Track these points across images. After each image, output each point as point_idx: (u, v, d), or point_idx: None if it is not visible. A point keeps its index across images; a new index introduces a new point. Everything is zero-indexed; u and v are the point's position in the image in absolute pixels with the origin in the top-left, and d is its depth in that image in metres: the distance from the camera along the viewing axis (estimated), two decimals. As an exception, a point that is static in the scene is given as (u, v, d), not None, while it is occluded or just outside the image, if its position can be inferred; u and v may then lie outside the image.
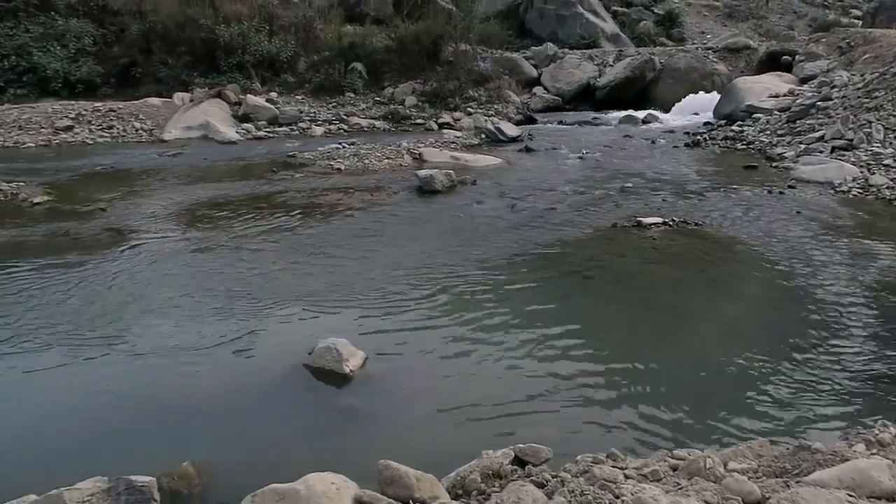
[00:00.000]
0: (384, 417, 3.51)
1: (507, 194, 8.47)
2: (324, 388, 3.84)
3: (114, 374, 4.06)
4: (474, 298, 5.13)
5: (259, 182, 9.58)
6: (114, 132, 14.47)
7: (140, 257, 6.18)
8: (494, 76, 17.24)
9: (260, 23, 17.47)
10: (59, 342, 4.44)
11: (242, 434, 3.42)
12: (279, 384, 3.96)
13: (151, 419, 3.60)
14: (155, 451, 3.24)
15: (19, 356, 4.26)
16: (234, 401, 3.80)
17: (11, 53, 17.44)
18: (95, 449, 3.35)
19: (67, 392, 3.89)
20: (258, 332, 4.57)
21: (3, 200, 8.50)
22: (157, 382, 3.96)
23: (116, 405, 3.74)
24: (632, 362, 4.08)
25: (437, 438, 3.28)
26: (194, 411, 3.69)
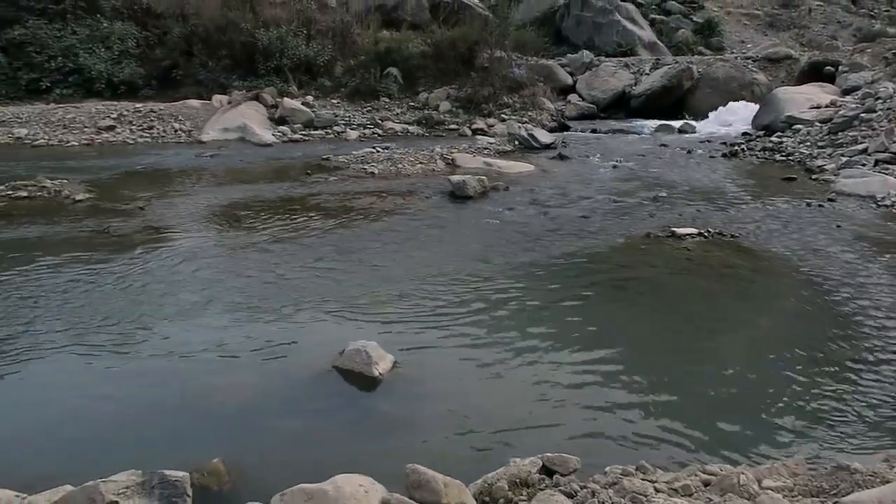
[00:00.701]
0: (412, 421, 3.51)
1: (539, 201, 8.44)
2: (353, 390, 3.85)
3: (146, 369, 4.13)
4: (504, 305, 5.11)
5: (293, 184, 9.70)
6: (154, 132, 14.78)
7: (176, 256, 6.29)
8: (529, 83, 17.20)
9: (298, 27, 17.70)
10: (96, 336, 4.54)
11: (271, 433, 3.45)
12: (309, 385, 3.99)
13: (182, 416, 3.66)
14: (185, 447, 3.29)
15: (57, 349, 4.36)
16: (264, 400, 3.84)
17: (59, 54, 17.94)
18: (128, 442, 3.40)
19: (101, 386, 3.97)
20: (290, 333, 4.61)
21: (47, 197, 8.73)
22: (188, 380, 4.02)
23: (148, 401, 3.81)
24: (662, 374, 4.02)
25: (465, 444, 3.27)
26: (224, 409, 3.73)
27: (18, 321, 4.77)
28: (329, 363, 4.09)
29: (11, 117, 15.43)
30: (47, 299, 5.17)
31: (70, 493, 2.13)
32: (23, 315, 4.87)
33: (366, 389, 3.83)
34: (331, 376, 4.00)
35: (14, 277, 5.66)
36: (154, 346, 4.43)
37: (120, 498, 2.01)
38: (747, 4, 27.87)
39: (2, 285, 5.47)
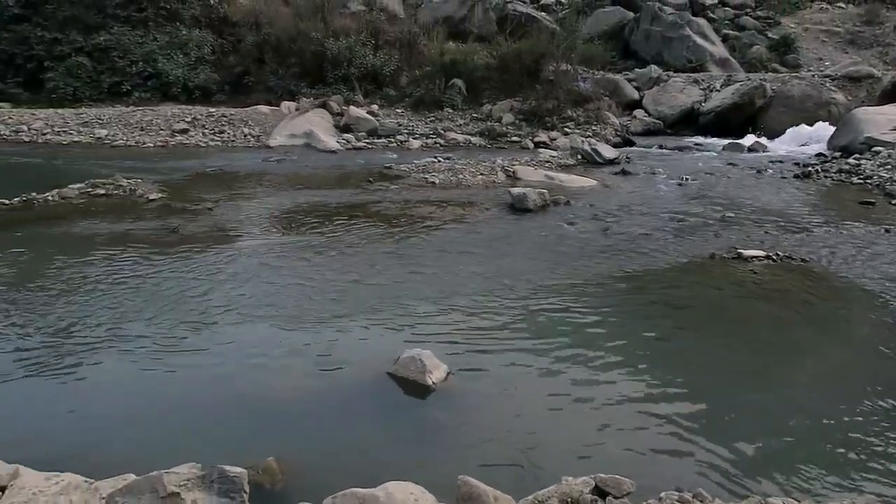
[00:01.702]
0: (464, 432, 3.49)
1: (600, 217, 8.32)
2: (406, 397, 3.87)
3: (205, 367, 4.25)
4: (561, 320, 5.05)
5: (356, 191, 9.85)
6: (224, 136, 15.29)
7: (240, 258, 6.47)
8: (594, 97, 17.04)
9: (366, 37, 18.05)
10: (161, 332, 4.71)
11: (325, 435, 3.50)
12: (363, 390, 4.03)
13: (239, 414, 3.74)
14: (241, 444, 3.36)
15: (125, 343, 4.54)
16: (319, 402, 3.89)
17: (139, 59, 18.81)
18: (186, 436, 3.50)
19: (163, 381, 4.10)
20: (346, 338, 4.67)
21: (123, 196, 9.13)
22: (246, 379, 4.11)
23: (206, 397, 3.92)
24: (723, 399, 3.89)
25: (516, 459, 3.23)
26: (280, 410, 3.80)
27: (91, 314, 4.99)
28: (384, 369, 4.13)
29: (93, 118, 16.23)
30: (118, 294, 5.40)
31: (134, 482, 2.21)
32: (94, 309, 5.10)
33: (419, 397, 3.84)
34: (385, 382, 4.03)
35: (89, 272, 5.93)
36: (215, 345, 4.55)
37: (181, 489, 2.07)
38: (827, 21, 26.87)
39: (78, 279, 5.74)
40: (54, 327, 4.76)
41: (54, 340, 4.56)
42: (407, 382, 3.95)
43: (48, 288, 5.51)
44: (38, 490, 2.38)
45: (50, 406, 3.81)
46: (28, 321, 4.85)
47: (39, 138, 15.21)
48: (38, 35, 18.87)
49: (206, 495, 2.07)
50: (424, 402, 3.81)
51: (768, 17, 25.96)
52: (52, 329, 4.73)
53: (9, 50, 19.13)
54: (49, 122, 16.07)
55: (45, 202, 8.66)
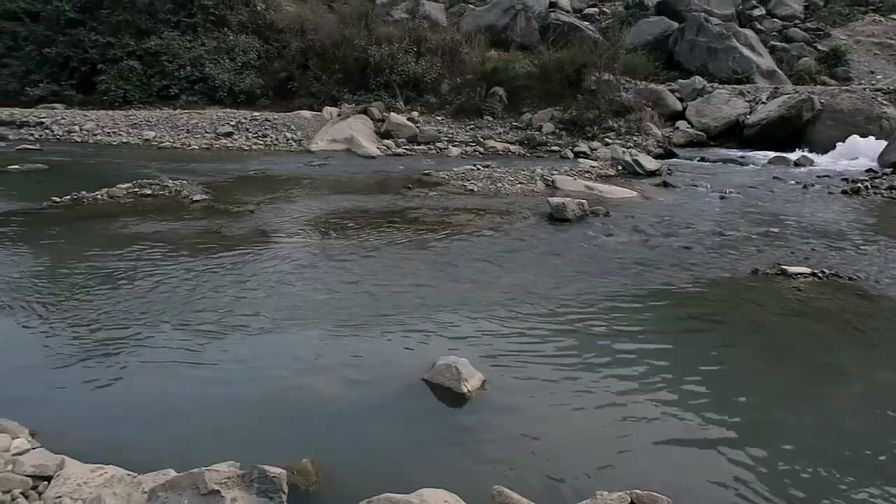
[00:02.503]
0: (498, 442, 3.47)
1: (640, 229, 8.22)
2: (440, 405, 3.87)
3: (242, 367, 4.30)
4: (598, 332, 5.00)
5: (394, 197, 9.92)
6: (267, 140, 15.57)
7: (279, 260, 6.56)
8: (636, 107, 16.88)
9: (409, 45, 18.21)
10: (200, 332, 4.79)
11: (359, 438, 3.51)
12: (397, 395, 4.03)
13: (274, 414, 3.78)
14: (276, 444, 3.39)
15: (163, 341, 4.63)
16: (354, 405, 3.91)
17: (187, 64, 19.30)
18: (223, 435, 3.55)
19: (200, 379, 4.16)
20: (382, 343, 4.70)
21: (168, 196, 9.36)
22: (281, 381, 4.15)
23: (243, 397, 3.96)
24: (763, 419, 3.80)
25: (551, 470, 3.20)
26: (315, 412, 3.83)
27: (134, 311, 5.12)
28: (419, 375, 4.13)
29: (142, 120, 16.70)
30: (160, 292, 5.52)
31: (176, 478, 2.25)
32: (138, 306, 5.23)
33: (453, 405, 3.84)
34: (420, 388, 4.03)
35: (133, 270, 6.08)
36: (252, 345, 4.62)
37: (221, 487, 2.11)
38: (879, 33, 26.16)
39: (122, 277, 5.89)
40: (99, 323, 4.89)
41: (98, 335, 4.69)
42: (442, 389, 3.95)
43: (94, 284, 5.67)
44: (82, 481, 2.45)
45: (93, 399, 3.91)
46: (74, 316, 4.99)
47: (90, 139, 15.71)
48: (93, 39, 19.51)
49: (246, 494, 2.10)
50: (459, 410, 3.80)
51: (818, 28, 25.40)
52: (97, 324, 4.86)
53: (64, 53, 19.82)
54: (100, 124, 16.59)
55: (93, 201, 8.93)
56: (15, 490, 2.41)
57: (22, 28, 20.97)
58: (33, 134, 16.07)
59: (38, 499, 2.43)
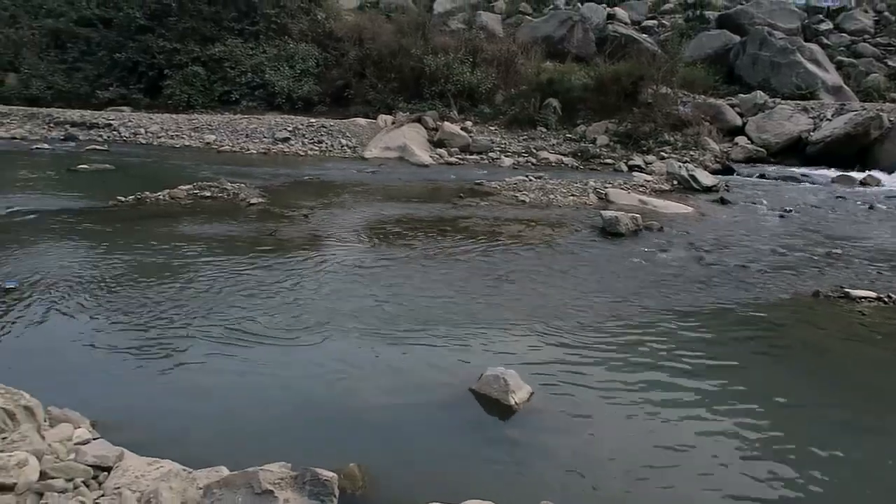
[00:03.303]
0: (545, 456, 3.44)
1: (695, 245, 8.04)
2: (487, 416, 3.85)
3: (292, 370, 4.37)
4: (649, 351, 4.90)
5: (445, 206, 9.96)
6: (322, 146, 15.85)
7: (331, 265, 6.65)
8: (694, 122, 16.56)
9: (465, 55, 18.30)
10: (253, 333, 4.89)
11: (406, 446, 3.53)
12: (444, 404, 4.03)
13: (323, 418, 3.83)
14: (324, 448, 3.43)
15: (216, 341, 4.74)
16: (401, 412, 3.93)
17: (249, 70, 19.85)
18: (272, 435, 3.61)
19: (251, 380, 4.24)
20: (430, 351, 4.71)
21: (226, 199, 9.61)
22: (330, 385, 4.19)
23: (291, 399, 4.02)
24: (819, 446, 3.65)
25: (598, 487, 3.15)
26: (363, 417, 3.86)
27: (189, 310, 5.26)
28: (466, 386, 4.12)
29: (204, 124, 17.22)
30: (214, 293, 5.67)
31: (231, 476, 2.30)
32: (193, 305, 5.37)
33: (500, 417, 3.82)
34: (467, 399, 4.02)
35: (191, 270, 6.26)
36: (302, 348, 4.69)
37: (275, 488, 2.15)
38: (955, 50, 25.05)
39: (180, 276, 6.07)
40: (156, 320, 5.05)
41: (155, 332, 4.84)
42: (489, 401, 3.93)
43: (153, 283, 5.85)
44: (140, 474, 2.53)
45: (148, 394, 4.03)
46: (133, 313, 5.16)
47: (155, 141, 16.27)
48: (160, 45, 20.25)
49: (298, 496, 2.13)
50: (506, 422, 3.78)
51: (889, 44, 24.47)
52: (154, 321, 5.02)
53: (133, 58, 20.63)
54: (164, 127, 17.18)
55: (156, 201, 9.24)
56: (77, 479, 2.51)
57: (95, 34, 21.93)
58: (102, 135, 16.75)
59: (98, 488, 2.52)
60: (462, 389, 4.11)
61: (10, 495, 2.34)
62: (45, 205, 8.88)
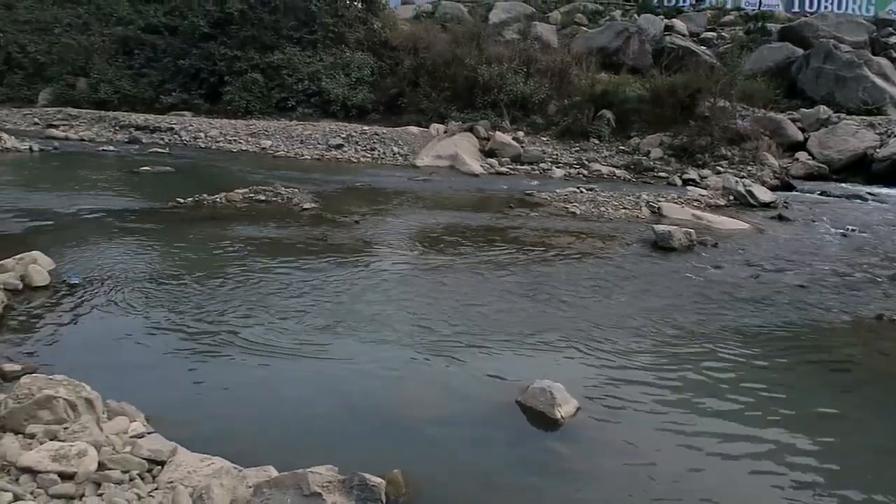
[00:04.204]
0: (590, 472, 3.39)
1: (751, 263, 7.83)
2: (532, 429, 3.82)
3: (338, 374, 4.42)
4: (701, 369, 4.79)
5: (495, 215, 9.95)
6: (375, 154, 16.04)
7: (381, 272, 6.72)
8: (752, 136, 16.14)
9: (519, 65, 18.29)
10: (303, 335, 4.98)
11: (449, 455, 3.53)
12: (489, 415, 4.02)
13: (367, 423, 3.86)
14: (368, 452, 3.45)
15: (266, 342, 4.83)
16: (445, 422, 3.93)
17: (305, 78, 20.26)
18: (317, 437, 3.66)
19: (298, 382, 4.32)
20: (476, 360, 4.70)
21: (280, 203, 9.81)
22: (375, 390, 4.23)
23: (337, 403, 4.07)
24: (877, 475, 3.49)
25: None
26: (407, 424, 3.87)
27: (241, 311, 5.39)
28: (512, 397, 4.10)
29: (261, 130, 17.64)
30: (266, 295, 5.79)
31: (281, 477, 2.35)
32: (245, 306, 5.50)
33: (546, 430, 3.78)
34: (512, 410, 4.00)
35: (244, 272, 6.41)
36: (350, 353, 4.74)
37: (323, 490, 2.18)
38: None
39: (234, 277, 6.22)
40: (209, 319, 5.18)
41: (207, 330, 4.97)
42: (534, 413, 3.90)
43: (208, 282, 6.01)
44: (192, 469, 2.59)
45: (200, 391, 4.14)
46: (187, 311, 5.31)
47: (213, 145, 16.75)
48: (222, 52, 20.86)
49: (346, 500, 2.15)
50: (551, 436, 3.74)
51: (965, 58, 23.40)
52: (207, 320, 5.15)
53: (196, 65, 21.30)
54: (223, 131, 17.67)
55: (213, 203, 9.50)
56: (133, 471, 2.59)
57: (161, 41, 22.73)
58: (164, 138, 17.32)
59: (151, 482, 2.59)
60: (507, 400, 4.09)
61: (71, 483, 2.44)
62: (108, 205, 9.22)
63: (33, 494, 2.40)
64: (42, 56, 23.06)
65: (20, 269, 5.53)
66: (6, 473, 2.48)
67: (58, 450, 2.55)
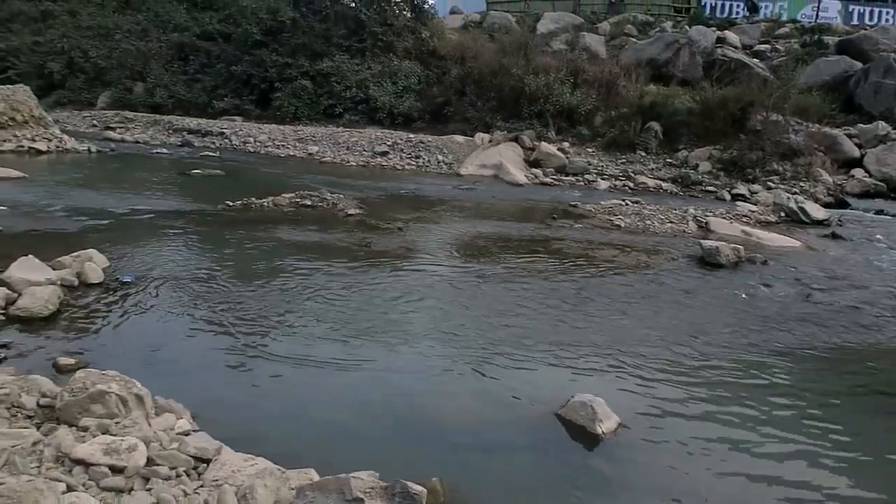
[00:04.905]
0: (632, 490, 3.34)
1: (802, 282, 7.61)
2: (572, 443, 3.78)
3: (378, 380, 4.45)
4: (746, 389, 4.67)
5: (538, 226, 9.90)
6: (419, 161, 16.12)
7: (423, 279, 6.74)
8: (806, 151, 15.70)
9: (566, 76, 18.18)
10: (345, 340, 5.03)
11: (487, 465, 3.52)
12: (528, 426, 4.00)
13: (406, 430, 3.88)
14: (407, 459, 3.47)
15: (309, 346, 4.91)
16: (483, 431, 3.92)
17: (353, 85, 20.52)
18: (358, 442, 3.69)
19: (339, 387, 4.35)
20: (517, 371, 4.69)
21: (325, 208, 9.94)
22: (415, 398, 4.25)
23: (377, 409, 4.09)
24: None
25: (686, 531, 3.03)
26: (446, 433, 3.88)
27: (285, 315, 5.48)
28: (551, 409, 4.07)
29: (308, 136, 17.91)
30: (310, 299, 5.87)
31: (323, 481, 2.38)
32: (290, 309, 5.59)
33: (586, 445, 3.74)
34: (551, 423, 3.97)
35: (290, 275, 6.52)
36: (390, 360, 4.77)
37: (365, 496, 2.20)
38: None
39: (280, 281, 6.33)
40: (254, 321, 5.28)
41: (252, 332, 5.06)
42: (574, 427, 3.86)
43: (253, 285, 6.13)
44: (236, 469, 2.65)
45: (244, 392, 4.22)
46: (233, 313, 5.43)
47: (262, 150, 17.08)
48: (273, 59, 21.29)
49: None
50: (591, 452, 3.70)
51: None
52: (252, 322, 5.25)
53: (248, 71, 21.79)
54: (271, 136, 18.01)
55: (260, 207, 9.68)
56: (179, 468, 2.65)
57: (215, 48, 23.33)
58: (214, 142, 17.74)
59: (197, 479, 2.65)
60: (546, 413, 4.06)
61: (121, 477, 2.51)
62: (160, 205, 9.49)
63: (85, 486, 2.47)
64: (103, 61, 23.89)
65: (77, 266, 5.72)
66: (60, 464, 2.56)
67: (109, 444, 2.63)
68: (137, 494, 2.46)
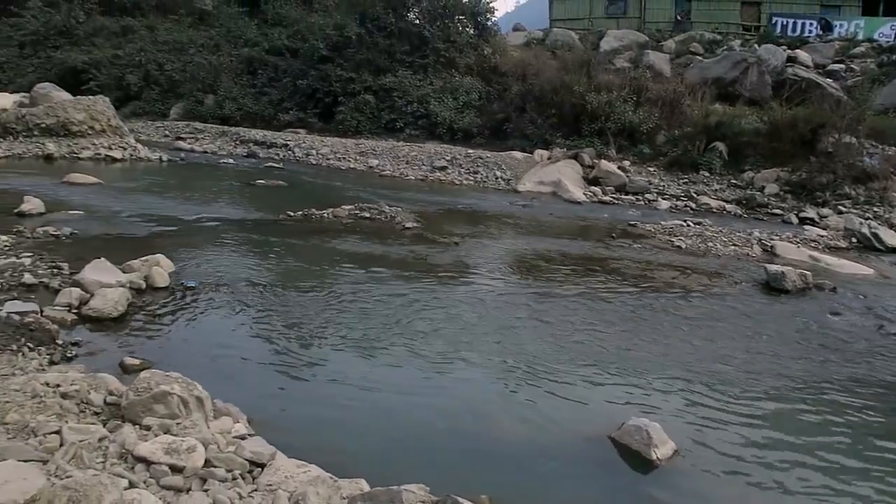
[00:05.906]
0: (686, 521, 3.24)
1: (874, 312, 7.27)
2: (626, 468, 3.70)
3: (433, 395, 4.46)
4: (808, 419, 4.49)
5: (595, 245, 9.78)
6: (478, 177, 16.16)
7: (479, 296, 6.73)
8: (881, 175, 15.05)
9: (628, 94, 17.96)
10: (399, 354, 5.07)
11: (538, 486, 3.47)
12: (580, 448, 3.94)
13: (457, 446, 3.88)
14: (457, 474, 3.46)
15: (364, 357, 4.96)
16: (535, 450, 3.88)
17: (415, 101, 20.79)
18: (409, 456, 3.70)
19: (392, 400, 4.37)
20: (572, 392, 4.62)
21: (383, 221, 10.06)
22: (468, 415, 4.24)
23: (429, 423, 4.10)
24: None
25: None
26: (497, 451, 3.85)
27: (343, 325, 5.55)
28: (605, 432, 4.00)
29: (369, 149, 18.20)
30: (364, 310, 5.94)
31: (375, 491, 2.39)
32: (347, 320, 5.66)
33: (640, 471, 3.65)
34: (604, 446, 3.90)
35: (346, 285, 6.61)
36: (444, 375, 4.78)
37: (416, 510, 2.21)
38: None
39: (337, 290, 6.43)
40: (309, 330, 5.38)
41: (308, 341, 5.16)
42: (629, 452, 3.78)
43: (311, 294, 6.25)
44: (289, 474, 2.69)
45: (298, 400, 4.29)
46: (290, 321, 5.54)
47: (324, 162, 17.44)
48: (338, 74, 21.80)
49: (438, 521, 2.17)
50: (646, 478, 3.61)
51: None
52: (308, 331, 5.35)
53: (313, 85, 22.36)
54: (333, 149, 18.37)
55: (320, 218, 9.88)
56: (236, 471, 2.72)
57: (283, 62, 24.06)
58: (278, 154, 18.22)
59: (251, 482, 2.71)
60: (600, 435, 3.99)
61: (180, 476, 2.59)
62: (225, 214, 9.79)
63: (146, 483, 2.56)
64: (177, 74, 24.93)
65: (145, 270, 5.95)
66: (123, 461, 2.66)
67: (170, 443, 2.72)
68: (195, 495, 2.52)
